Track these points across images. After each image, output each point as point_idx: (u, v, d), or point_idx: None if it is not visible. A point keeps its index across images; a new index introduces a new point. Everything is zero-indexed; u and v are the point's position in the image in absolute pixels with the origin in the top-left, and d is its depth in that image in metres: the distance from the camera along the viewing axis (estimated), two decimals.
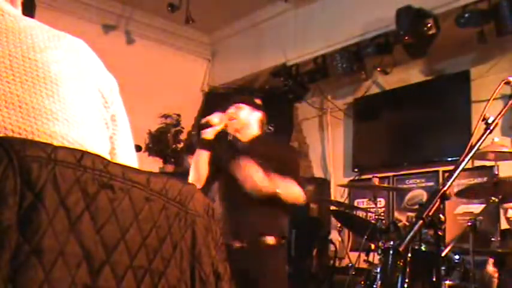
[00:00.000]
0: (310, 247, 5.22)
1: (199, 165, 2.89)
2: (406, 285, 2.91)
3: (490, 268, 3.13)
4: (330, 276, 4.95)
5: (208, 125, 2.85)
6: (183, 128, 6.27)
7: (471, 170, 4.52)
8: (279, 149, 3.10)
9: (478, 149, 1.62)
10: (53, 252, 0.63)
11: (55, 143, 0.75)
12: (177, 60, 6.35)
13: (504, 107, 1.73)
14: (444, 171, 4.92)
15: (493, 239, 3.35)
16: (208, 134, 2.86)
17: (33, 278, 0.61)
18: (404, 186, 5.24)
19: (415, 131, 5.16)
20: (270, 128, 3.25)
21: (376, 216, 3.97)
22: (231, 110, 2.96)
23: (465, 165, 1.61)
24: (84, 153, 0.70)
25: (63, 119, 0.83)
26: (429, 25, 4.27)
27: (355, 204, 5.45)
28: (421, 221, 1.45)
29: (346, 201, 5.50)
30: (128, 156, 0.99)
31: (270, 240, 2.81)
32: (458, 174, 1.57)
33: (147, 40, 6.15)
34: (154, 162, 6.03)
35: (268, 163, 2.78)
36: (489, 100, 1.74)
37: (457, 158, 1.65)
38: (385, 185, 5.13)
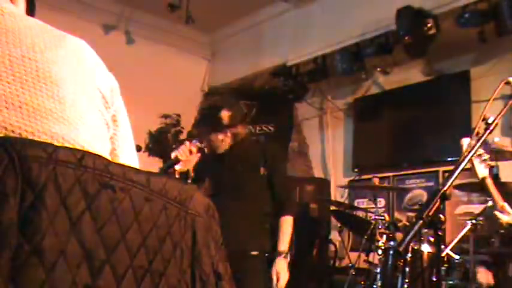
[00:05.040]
0: (310, 247, 5.22)
1: None
2: (406, 285, 2.91)
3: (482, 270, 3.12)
4: (330, 276, 4.95)
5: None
6: (183, 128, 6.27)
7: (471, 170, 4.51)
8: None
9: (478, 149, 1.62)
10: (53, 252, 0.63)
11: (56, 144, 0.75)
12: (177, 60, 6.35)
13: (504, 107, 1.73)
14: (444, 171, 4.92)
15: (492, 240, 3.35)
16: None
17: (34, 277, 0.61)
18: (405, 186, 5.24)
19: (415, 131, 5.15)
20: (269, 128, 3.28)
21: (376, 216, 3.96)
22: None
23: (465, 165, 1.61)
24: (85, 153, 0.70)
25: (63, 120, 0.83)
26: (429, 25, 4.27)
27: (355, 204, 5.44)
28: (421, 221, 1.45)
29: (346, 201, 5.49)
30: (128, 156, 0.99)
31: None
32: (458, 174, 1.57)
33: (147, 40, 6.15)
34: (154, 162, 6.02)
35: None
36: (489, 100, 1.74)
37: (457, 158, 1.66)
38: (385, 185, 5.13)
